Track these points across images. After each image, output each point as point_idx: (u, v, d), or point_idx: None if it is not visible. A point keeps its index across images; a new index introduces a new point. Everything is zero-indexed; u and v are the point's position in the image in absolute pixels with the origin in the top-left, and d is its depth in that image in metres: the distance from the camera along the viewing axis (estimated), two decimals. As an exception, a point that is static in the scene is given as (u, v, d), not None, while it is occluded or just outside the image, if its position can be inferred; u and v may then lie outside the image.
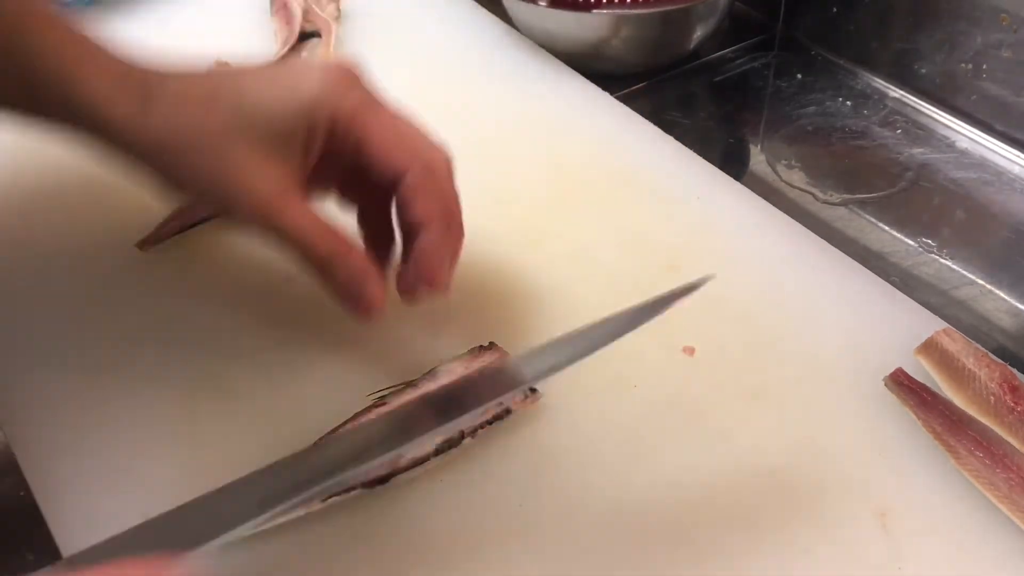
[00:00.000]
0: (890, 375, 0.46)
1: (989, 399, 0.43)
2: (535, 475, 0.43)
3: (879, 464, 0.43)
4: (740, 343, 0.48)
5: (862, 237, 0.58)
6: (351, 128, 0.41)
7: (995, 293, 0.54)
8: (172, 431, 0.45)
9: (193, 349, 0.48)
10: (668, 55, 0.72)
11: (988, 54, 0.62)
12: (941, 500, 0.41)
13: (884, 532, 0.40)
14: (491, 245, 0.53)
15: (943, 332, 0.46)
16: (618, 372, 0.47)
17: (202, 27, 0.73)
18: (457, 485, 0.42)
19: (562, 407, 0.45)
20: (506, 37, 0.71)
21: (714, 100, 0.72)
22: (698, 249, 0.53)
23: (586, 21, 0.67)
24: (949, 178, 0.62)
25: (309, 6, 0.72)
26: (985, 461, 0.41)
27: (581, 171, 0.59)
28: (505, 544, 0.40)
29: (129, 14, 0.74)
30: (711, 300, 0.50)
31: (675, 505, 0.41)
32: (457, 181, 0.44)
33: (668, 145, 0.61)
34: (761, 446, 0.43)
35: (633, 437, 0.44)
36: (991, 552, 0.39)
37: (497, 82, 0.67)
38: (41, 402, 0.46)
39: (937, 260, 0.56)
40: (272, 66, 0.43)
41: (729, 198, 0.57)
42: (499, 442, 0.44)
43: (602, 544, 0.40)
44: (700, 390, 0.46)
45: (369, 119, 0.41)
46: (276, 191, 0.40)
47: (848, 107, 0.69)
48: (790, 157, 0.65)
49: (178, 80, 0.41)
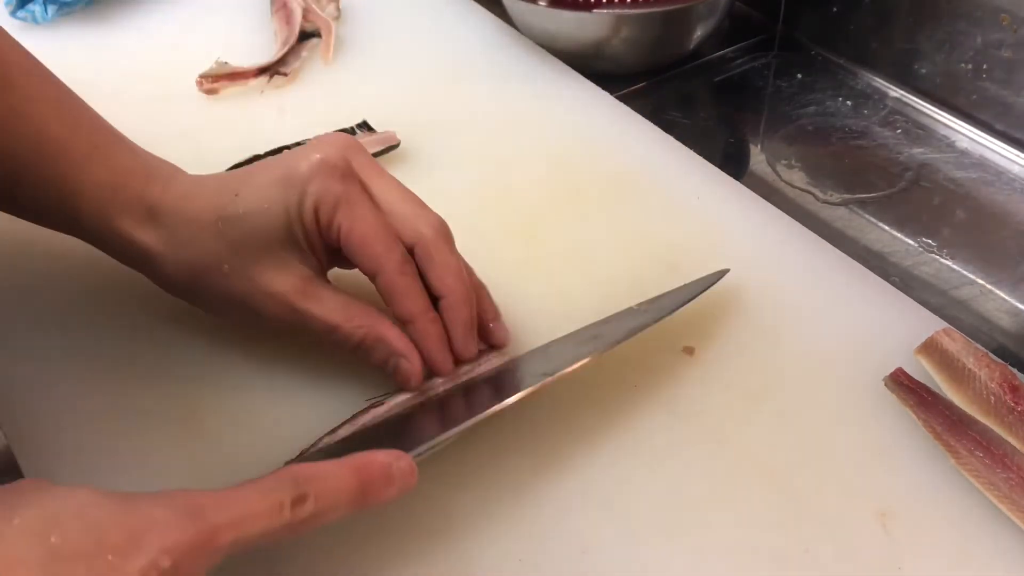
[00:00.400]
0: (890, 375, 0.46)
1: (989, 399, 0.43)
2: (535, 474, 0.43)
3: (879, 464, 0.43)
4: (740, 343, 0.48)
5: (862, 237, 0.58)
6: (330, 227, 0.42)
7: (995, 293, 0.54)
8: (173, 431, 0.45)
9: (195, 349, 0.48)
10: (668, 55, 0.72)
11: (988, 54, 0.62)
12: (941, 500, 0.41)
13: (884, 532, 0.40)
14: (491, 244, 0.53)
15: (943, 332, 0.46)
16: (618, 372, 0.47)
17: (202, 27, 0.73)
18: (457, 484, 0.42)
19: (562, 406, 0.45)
20: (506, 37, 0.71)
21: (714, 100, 0.72)
22: (698, 249, 0.53)
23: (586, 21, 0.67)
24: (949, 178, 0.62)
25: (309, 6, 0.72)
26: (985, 461, 0.41)
27: (581, 171, 0.59)
28: (505, 543, 0.40)
29: (129, 13, 0.74)
30: (711, 300, 0.50)
31: (674, 504, 0.41)
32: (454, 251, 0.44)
33: (668, 145, 0.61)
34: (761, 446, 0.43)
35: (633, 437, 0.44)
36: (991, 552, 0.39)
37: (497, 82, 0.67)
38: (41, 402, 0.46)
39: (937, 260, 0.56)
40: (265, 168, 0.44)
41: (729, 198, 0.57)
42: (498, 441, 0.44)
43: (602, 544, 0.40)
44: (700, 390, 0.46)
45: (344, 217, 0.42)
46: (294, 289, 0.43)
47: (848, 107, 0.69)
48: (790, 157, 0.65)
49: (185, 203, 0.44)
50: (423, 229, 0.43)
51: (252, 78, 0.66)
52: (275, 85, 0.66)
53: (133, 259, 0.46)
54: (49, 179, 0.44)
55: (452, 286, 0.43)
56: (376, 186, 0.43)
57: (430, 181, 0.57)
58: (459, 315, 0.43)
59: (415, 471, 0.36)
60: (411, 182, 0.45)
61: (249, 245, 0.43)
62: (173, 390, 0.46)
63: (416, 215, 0.43)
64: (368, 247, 0.42)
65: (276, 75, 0.66)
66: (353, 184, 0.42)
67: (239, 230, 0.43)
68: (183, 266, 0.44)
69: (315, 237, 0.43)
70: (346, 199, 0.42)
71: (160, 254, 0.44)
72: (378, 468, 0.35)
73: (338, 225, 0.42)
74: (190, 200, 0.44)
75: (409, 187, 0.45)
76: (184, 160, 0.48)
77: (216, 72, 0.65)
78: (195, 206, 0.44)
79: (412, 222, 0.43)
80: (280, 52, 0.68)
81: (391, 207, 0.43)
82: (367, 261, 0.42)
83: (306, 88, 0.67)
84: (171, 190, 0.45)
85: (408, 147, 0.60)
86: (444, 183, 0.58)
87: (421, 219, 0.43)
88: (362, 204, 0.42)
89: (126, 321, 0.50)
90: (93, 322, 0.50)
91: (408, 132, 0.60)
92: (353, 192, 0.42)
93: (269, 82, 0.66)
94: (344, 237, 0.42)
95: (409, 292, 0.43)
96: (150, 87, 0.66)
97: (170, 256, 0.44)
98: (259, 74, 0.66)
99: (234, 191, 0.43)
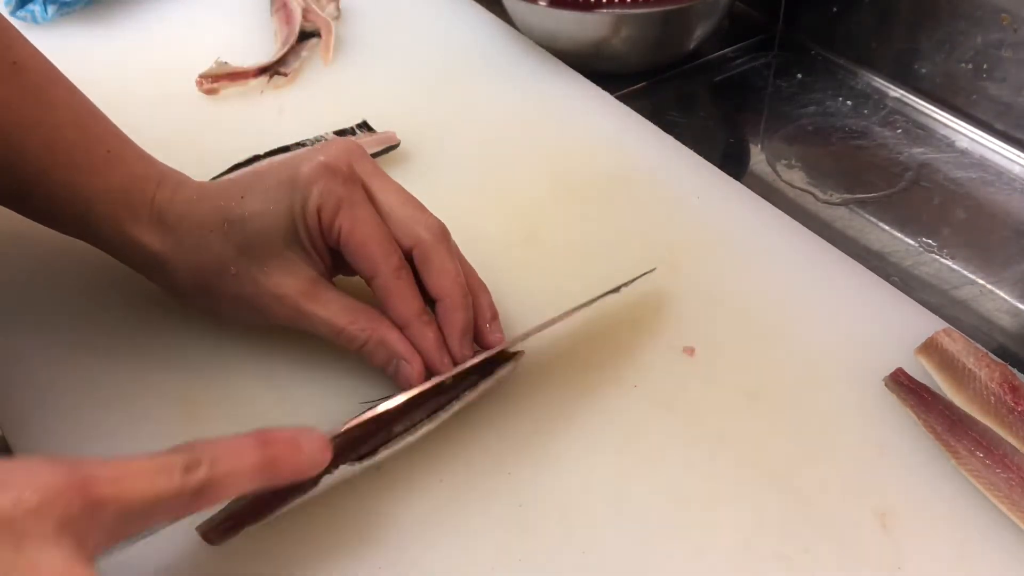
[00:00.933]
0: (890, 375, 0.46)
1: (989, 399, 0.43)
2: (535, 474, 0.43)
3: (879, 464, 0.43)
4: (740, 343, 0.48)
5: (862, 237, 0.58)
6: (331, 229, 0.43)
7: (995, 293, 0.54)
8: (172, 433, 0.44)
9: (194, 352, 0.48)
10: (668, 55, 0.72)
11: (988, 54, 0.62)
12: (941, 500, 0.41)
13: (884, 532, 0.40)
14: (490, 244, 0.53)
15: (943, 332, 0.46)
16: (618, 372, 0.47)
17: (202, 26, 0.73)
18: (456, 483, 0.42)
19: (562, 406, 0.45)
20: (506, 37, 0.71)
21: (714, 100, 0.72)
22: (698, 249, 0.53)
23: (586, 21, 0.67)
24: (949, 178, 0.62)
25: (309, 6, 0.72)
26: (985, 461, 0.41)
27: (581, 171, 0.59)
28: (505, 541, 0.40)
29: (129, 13, 0.74)
30: (711, 300, 0.50)
31: (674, 504, 0.41)
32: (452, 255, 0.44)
33: (668, 145, 0.61)
34: (761, 446, 0.43)
35: (633, 437, 0.44)
36: (991, 552, 0.39)
37: (497, 82, 0.67)
38: (41, 402, 0.46)
39: (937, 260, 0.56)
40: (269, 171, 0.45)
41: (729, 198, 0.57)
42: (498, 440, 0.44)
43: (602, 544, 0.40)
44: (700, 390, 0.46)
45: (345, 219, 0.42)
46: (300, 291, 0.43)
47: (848, 107, 0.69)
48: (790, 157, 0.65)
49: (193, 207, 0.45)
50: (422, 233, 0.43)
51: (252, 78, 0.66)
52: (275, 85, 0.66)
53: (144, 265, 0.46)
54: (63, 184, 0.45)
55: (448, 290, 0.44)
56: (378, 190, 0.44)
57: (430, 181, 0.58)
58: (454, 318, 0.44)
59: (328, 446, 0.37)
60: (411, 182, 0.45)
61: (255, 247, 0.43)
62: (173, 393, 0.46)
63: (415, 219, 0.44)
64: (366, 249, 0.43)
65: (276, 75, 0.66)
66: (355, 187, 0.43)
67: (245, 232, 0.43)
68: (192, 271, 0.45)
69: (318, 239, 0.43)
70: (348, 202, 0.42)
71: (169, 259, 0.45)
72: (283, 438, 0.35)
73: (339, 227, 0.42)
74: (197, 204, 0.45)
75: (409, 187, 0.45)
76: (184, 160, 0.48)
77: (216, 72, 0.65)
78: (202, 210, 0.44)
79: (411, 226, 0.44)
80: (280, 52, 0.68)
81: (391, 211, 0.44)
82: (365, 263, 0.43)
83: (306, 88, 0.67)
84: (180, 195, 0.45)
85: (408, 147, 0.60)
86: (444, 183, 0.58)
87: (420, 223, 0.44)
88: (363, 207, 0.43)
89: (127, 323, 0.50)
90: (94, 323, 0.50)
91: (408, 132, 0.60)
92: (355, 195, 0.43)
93: (269, 82, 0.66)
94: (344, 239, 0.43)
95: (404, 295, 0.43)
96: (150, 87, 0.66)
97: (179, 261, 0.45)
98: (259, 74, 0.66)
99: (240, 194, 0.44)
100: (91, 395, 0.46)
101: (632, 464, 0.43)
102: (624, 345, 0.44)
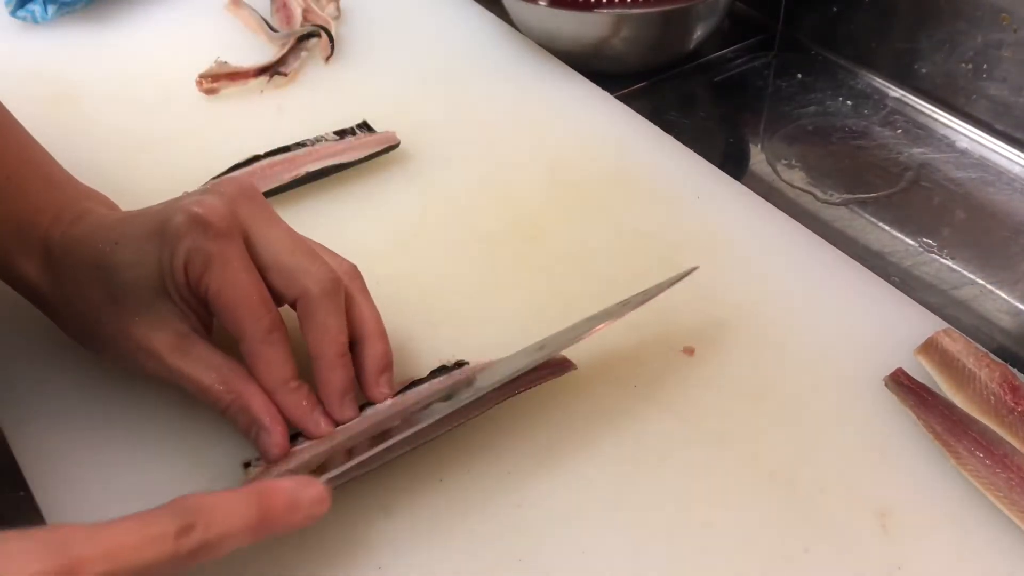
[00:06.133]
0: (890, 375, 0.46)
1: (989, 399, 0.43)
2: (535, 473, 0.43)
3: (879, 464, 0.43)
4: (740, 343, 0.48)
5: (862, 237, 0.58)
6: (199, 286, 0.41)
7: (995, 293, 0.54)
8: (173, 432, 0.44)
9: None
10: (668, 55, 0.72)
11: (988, 54, 0.62)
12: (941, 500, 0.41)
13: (884, 532, 0.40)
14: (489, 244, 0.53)
15: (943, 332, 0.46)
16: (618, 372, 0.47)
17: (202, 26, 0.73)
18: (456, 483, 0.42)
19: (562, 407, 0.45)
20: (506, 37, 0.71)
21: (714, 100, 0.72)
22: (698, 249, 0.53)
23: (586, 21, 0.67)
24: (949, 178, 0.62)
25: (309, 6, 0.72)
26: (985, 461, 0.41)
27: (581, 171, 0.59)
28: (503, 541, 0.40)
29: (129, 13, 0.74)
30: (711, 300, 0.50)
31: (675, 505, 0.41)
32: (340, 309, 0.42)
33: (668, 145, 0.61)
34: (761, 446, 0.43)
35: (633, 437, 0.44)
36: (991, 552, 0.39)
37: (497, 82, 0.67)
38: (41, 402, 0.46)
39: (937, 260, 0.56)
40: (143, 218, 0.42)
41: (729, 198, 0.57)
42: (497, 441, 0.44)
43: (602, 544, 0.40)
44: (700, 390, 0.46)
45: (213, 279, 0.40)
46: (168, 345, 0.41)
47: (848, 107, 0.69)
48: (790, 157, 0.65)
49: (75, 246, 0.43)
50: (308, 285, 0.41)
51: (252, 78, 0.66)
52: (275, 85, 0.66)
53: (32, 300, 0.45)
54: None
55: (323, 351, 0.41)
56: (263, 239, 0.41)
57: (430, 181, 0.58)
58: (328, 380, 0.42)
59: (326, 498, 0.36)
60: (411, 182, 0.45)
61: (126, 297, 0.41)
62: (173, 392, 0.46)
63: (303, 270, 0.41)
64: (232, 311, 0.40)
65: (276, 75, 0.66)
66: (229, 242, 0.40)
67: (115, 282, 0.41)
68: (70, 311, 0.43)
69: (188, 294, 0.41)
70: (219, 259, 0.40)
71: (50, 299, 0.44)
72: (281, 496, 0.34)
73: (206, 286, 0.40)
74: (79, 244, 0.43)
75: (409, 187, 0.44)
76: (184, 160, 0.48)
77: (216, 72, 0.65)
78: (81, 251, 0.42)
79: (298, 277, 0.41)
80: (280, 52, 0.68)
81: (276, 260, 0.41)
82: (231, 326, 0.41)
83: (306, 88, 0.67)
84: (72, 230, 0.43)
85: (408, 147, 0.60)
86: (444, 183, 0.58)
87: (309, 275, 0.41)
88: (233, 265, 0.40)
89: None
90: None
91: (408, 132, 0.60)
92: (227, 251, 0.40)
93: (269, 82, 0.66)
94: (212, 299, 0.41)
95: (270, 362, 0.41)
96: (150, 87, 0.66)
97: (59, 300, 0.43)
98: (259, 74, 0.66)
99: (115, 239, 0.42)
100: (91, 395, 0.46)
101: (632, 464, 0.43)
102: (624, 345, 0.44)
